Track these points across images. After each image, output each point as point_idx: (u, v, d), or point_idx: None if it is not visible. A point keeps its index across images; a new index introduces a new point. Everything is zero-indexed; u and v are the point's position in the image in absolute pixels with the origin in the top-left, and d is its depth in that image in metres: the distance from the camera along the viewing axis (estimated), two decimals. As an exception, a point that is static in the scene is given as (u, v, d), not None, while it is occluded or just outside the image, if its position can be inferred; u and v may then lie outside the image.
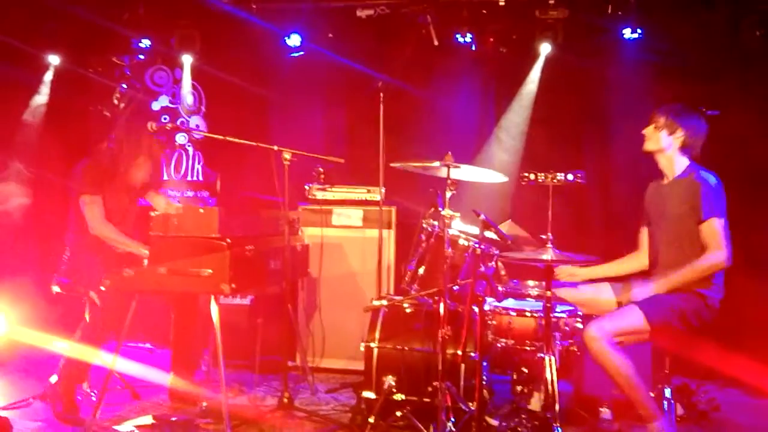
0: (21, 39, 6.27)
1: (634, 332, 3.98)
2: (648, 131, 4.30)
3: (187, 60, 6.79)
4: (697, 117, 4.26)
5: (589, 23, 6.15)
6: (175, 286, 4.12)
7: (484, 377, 4.27)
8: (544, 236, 3.96)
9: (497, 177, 4.19)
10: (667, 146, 4.24)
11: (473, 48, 6.37)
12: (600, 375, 4.04)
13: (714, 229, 4.01)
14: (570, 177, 3.94)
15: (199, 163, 7.07)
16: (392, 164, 4.30)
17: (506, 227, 4.63)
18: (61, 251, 4.80)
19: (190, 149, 7.06)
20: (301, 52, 6.52)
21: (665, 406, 4.13)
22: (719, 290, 4.13)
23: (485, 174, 4.19)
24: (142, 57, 6.83)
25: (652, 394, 4.03)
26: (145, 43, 6.65)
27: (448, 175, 3.98)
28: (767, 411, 4.95)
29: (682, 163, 4.25)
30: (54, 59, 6.72)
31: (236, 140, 4.65)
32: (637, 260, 4.50)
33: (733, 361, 4.73)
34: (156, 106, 7.00)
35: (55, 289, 4.72)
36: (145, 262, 4.24)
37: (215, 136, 4.86)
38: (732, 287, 4.22)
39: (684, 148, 4.23)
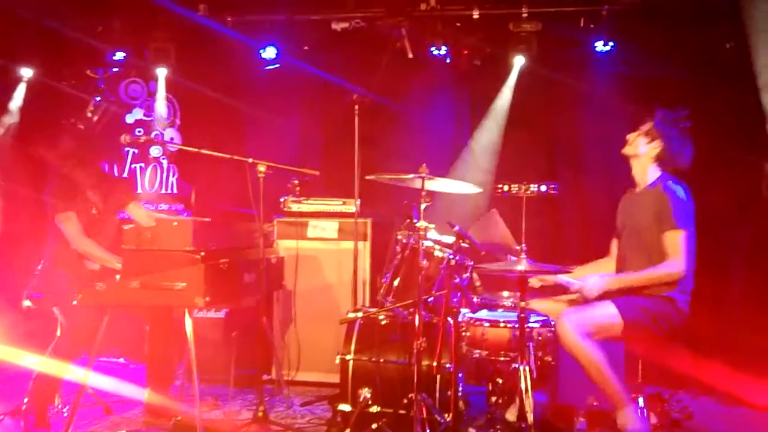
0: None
1: (606, 326, 4.00)
2: (631, 136, 4.34)
3: (161, 73, 6.76)
4: (682, 135, 4.26)
5: (562, 36, 6.21)
6: (148, 299, 4.08)
7: (460, 389, 4.28)
8: (518, 247, 3.98)
9: (471, 188, 4.21)
10: (641, 154, 4.29)
11: (448, 61, 6.42)
12: (575, 385, 4.06)
13: (675, 239, 4.04)
14: (543, 188, 3.98)
15: (173, 176, 7.03)
16: (368, 177, 4.31)
17: (489, 218, 4.59)
18: (33, 266, 4.74)
19: (165, 162, 7.03)
20: (277, 65, 6.52)
21: (638, 414, 4.15)
22: (687, 294, 4.15)
23: (459, 186, 4.21)
24: (116, 69, 6.80)
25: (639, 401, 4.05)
26: (120, 55, 6.61)
27: (423, 186, 4.00)
28: (740, 419, 4.98)
29: (653, 173, 4.29)
30: (27, 72, 6.66)
31: (211, 153, 4.64)
32: (605, 266, 4.52)
33: (706, 369, 4.77)
34: (130, 119, 6.96)
35: (26, 303, 4.66)
36: (118, 276, 4.21)
37: (189, 148, 4.85)
38: (705, 295, 4.26)
39: (659, 161, 4.27)
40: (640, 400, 4.21)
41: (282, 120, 6.63)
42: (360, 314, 4.57)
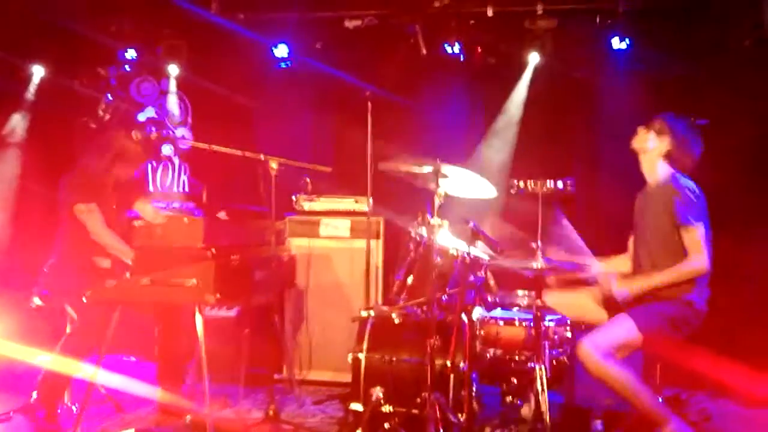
0: (5, 50, 6.21)
1: (626, 343, 3.93)
2: (640, 129, 4.29)
3: (173, 70, 6.74)
4: (691, 134, 4.24)
5: (577, 34, 6.15)
6: (158, 297, 4.05)
7: (474, 388, 4.22)
8: (534, 244, 3.92)
9: (486, 191, 4.14)
10: (650, 148, 4.23)
11: (462, 58, 6.37)
12: (591, 386, 3.99)
13: (694, 235, 3.99)
14: (560, 185, 3.91)
15: (185, 174, 7.00)
16: (380, 165, 4.24)
17: (492, 226, 4.53)
18: (41, 264, 4.72)
19: (176, 160, 7.00)
20: (289, 63, 6.49)
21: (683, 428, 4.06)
22: (704, 294, 4.09)
23: (473, 187, 4.14)
24: (128, 68, 6.78)
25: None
26: (131, 53, 6.60)
27: (437, 181, 3.93)
28: (759, 421, 4.90)
29: (663, 170, 4.23)
30: (39, 70, 6.66)
31: (222, 149, 4.59)
32: (622, 262, 4.47)
33: (725, 371, 4.69)
34: (141, 117, 6.94)
35: (36, 301, 4.64)
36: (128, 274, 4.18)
37: (201, 144, 4.81)
38: (722, 295, 4.18)
39: (668, 157, 4.21)
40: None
41: (294, 118, 6.59)
42: (372, 312, 4.51)
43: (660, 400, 4.11)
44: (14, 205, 6.48)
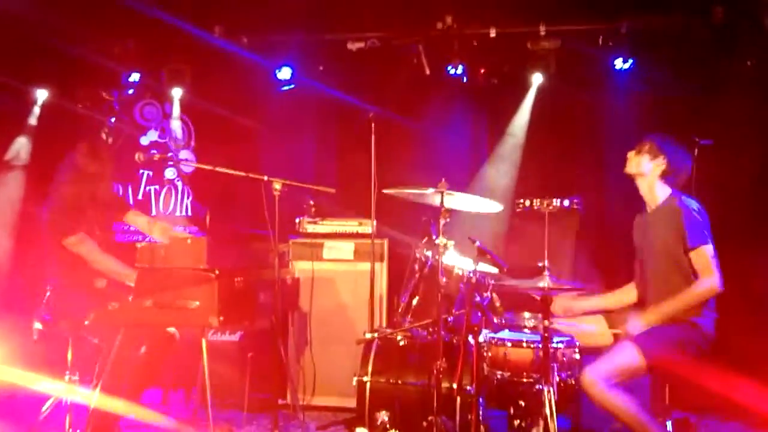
0: (8, 74, 6.21)
1: (630, 369, 3.89)
2: (630, 154, 4.28)
3: (176, 94, 6.74)
4: (681, 149, 4.25)
5: (580, 54, 6.15)
6: (161, 319, 4.01)
7: (480, 412, 4.15)
8: (540, 264, 3.87)
9: (491, 205, 4.12)
10: (647, 171, 4.20)
11: (464, 80, 6.35)
12: (599, 409, 3.92)
13: (704, 255, 3.95)
14: (566, 203, 3.87)
15: (188, 198, 6.98)
16: (385, 191, 4.22)
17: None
18: (43, 288, 4.66)
19: (179, 184, 6.99)
20: (292, 85, 6.49)
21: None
22: (712, 317, 4.05)
23: (479, 202, 4.12)
24: (131, 91, 6.78)
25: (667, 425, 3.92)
26: (135, 77, 6.61)
27: (442, 202, 3.90)
28: (772, 445, 4.82)
29: (663, 191, 4.20)
30: (42, 94, 6.66)
31: (225, 170, 4.57)
32: (632, 292, 4.41)
33: (735, 392, 4.61)
34: (145, 140, 6.94)
35: (37, 326, 4.58)
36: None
37: (203, 166, 4.79)
38: (731, 315, 4.13)
39: (665, 177, 4.19)
40: (668, 425, 4.06)
41: (298, 140, 6.58)
42: (377, 335, 4.45)
43: (669, 424, 4.05)
44: (17, 228, 6.45)
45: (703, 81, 5.86)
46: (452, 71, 6.24)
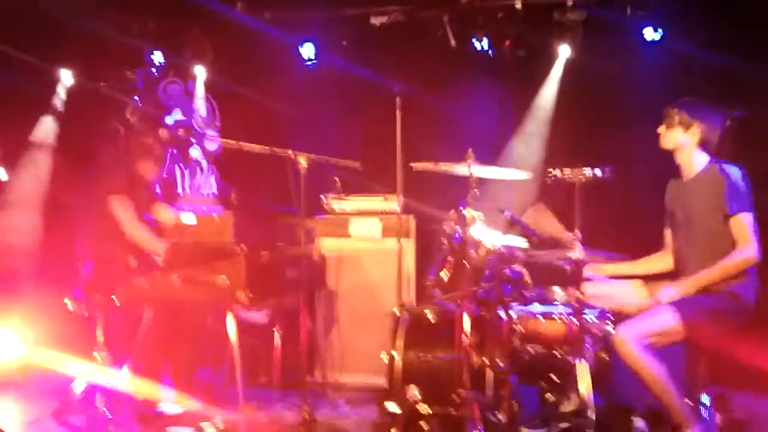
0: (32, 54, 6.23)
1: (665, 333, 3.81)
2: (662, 129, 4.15)
3: (200, 72, 6.71)
4: (711, 109, 4.12)
5: (608, 24, 6.03)
6: (189, 294, 3.99)
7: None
8: (571, 234, 3.80)
9: (520, 174, 4.05)
10: (684, 143, 4.08)
11: (490, 53, 6.27)
12: (632, 383, 3.85)
13: (743, 223, 3.86)
14: (597, 172, 3.79)
15: (213, 177, 6.97)
16: (412, 165, 4.16)
17: (533, 213, 4.41)
18: (72, 267, 4.68)
19: (204, 163, 6.97)
20: (316, 61, 6.44)
21: (704, 413, 3.93)
22: (753, 287, 3.95)
23: (508, 172, 4.05)
24: (154, 70, 6.77)
25: (687, 401, 3.84)
26: (158, 55, 6.59)
27: (470, 173, 3.83)
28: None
29: (701, 159, 4.09)
30: (66, 74, 6.67)
31: (249, 146, 4.52)
32: (663, 261, 4.33)
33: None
34: (169, 119, 6.92)
35: (69, 304, 4.60)
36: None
37: (229, 142, 4.76)
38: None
39: (703, 144, 4.07)
40: (706, 399, 3.98)
41: (322, 117, 6.53)
42: (405, 309, 4.41)
43: (703, 397, 3.98)
44: (44, 208, 6.49)
45: (735, 51, 5.71)
46: (477, 45, 6.16)
